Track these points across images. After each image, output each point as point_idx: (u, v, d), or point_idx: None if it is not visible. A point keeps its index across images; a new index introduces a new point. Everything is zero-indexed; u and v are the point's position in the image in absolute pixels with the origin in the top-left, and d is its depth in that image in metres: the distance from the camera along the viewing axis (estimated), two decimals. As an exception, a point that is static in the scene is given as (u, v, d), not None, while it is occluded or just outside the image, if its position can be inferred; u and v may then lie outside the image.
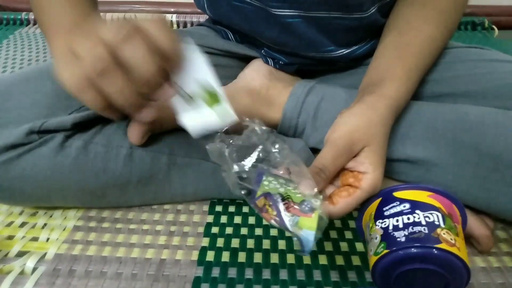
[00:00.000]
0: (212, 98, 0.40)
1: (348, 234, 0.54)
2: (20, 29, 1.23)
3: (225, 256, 0.50)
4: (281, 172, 0.42)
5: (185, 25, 1.27)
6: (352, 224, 0.56)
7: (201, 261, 0.49)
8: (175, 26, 1.26)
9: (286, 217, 0.38)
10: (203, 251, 0.51)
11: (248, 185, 0.40)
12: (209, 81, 0.40)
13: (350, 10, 0.53)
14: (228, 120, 0.40)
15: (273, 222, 0.38)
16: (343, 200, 0.41)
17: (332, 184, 0.44)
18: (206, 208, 0.59)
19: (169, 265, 0.48)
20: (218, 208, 0.58)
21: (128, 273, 0.47)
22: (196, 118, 0.40)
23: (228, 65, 0.63)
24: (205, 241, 0.52)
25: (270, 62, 0.62)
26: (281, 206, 0.39)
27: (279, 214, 0.38)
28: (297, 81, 0.60)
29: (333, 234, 0.54)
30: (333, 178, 0.43)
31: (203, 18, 1.12)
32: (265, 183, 0.41)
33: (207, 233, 0.54)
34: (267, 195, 0.40)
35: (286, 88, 0.58)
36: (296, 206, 0.39)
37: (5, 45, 1.12)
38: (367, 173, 0.41)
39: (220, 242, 0.52)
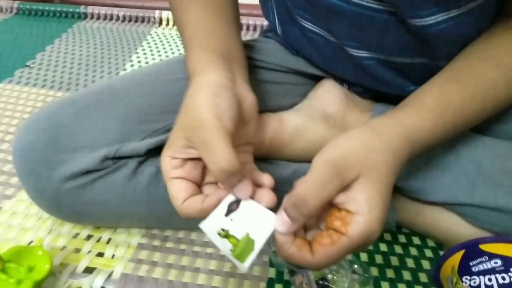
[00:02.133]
0: (243, 247, 0.34)
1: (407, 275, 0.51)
2: (78, 22, 1.24)
3: (294, 292, 0.48)
4: None
5: (254, 29, 1.24)
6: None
7: (269, 295, 0.47)
8: (244, 28, 1.24)
9: None
10: (270, 283, 0.49)
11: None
12: (258, 240, 0.34)
13: (437, 58, 0.46)
14: (239, 267, 0.34)
15: None
16: (323, 250, 0.31)
17: (317, 226, 0.35)
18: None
19: (236, 297, 0.47)
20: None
21: (197, 302, 0.46)
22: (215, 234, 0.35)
23: (298, 83, 0.60)
24: (272, 273, 0.50)
25: (345, 85, 0.57)
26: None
27: None
28: (374, 106, 0.56)
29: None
30: (318, 216, 0.35)
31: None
32: None
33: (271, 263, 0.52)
34: (304, 273, 0.40)
35: (364, 114, 0.55)
36: None
37: (64, 38, 1.14)
38: (359, 214, 0.31)
39: (287, 275, 0.50)
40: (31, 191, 0.47)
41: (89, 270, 0.49)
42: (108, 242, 0.53)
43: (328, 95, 0.56)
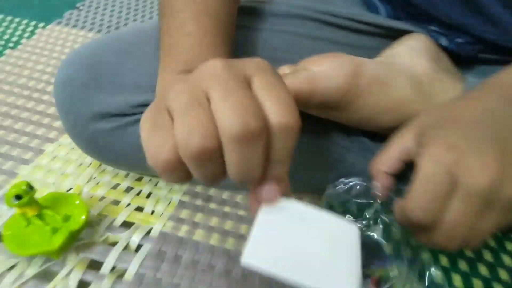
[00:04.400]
0: None
1: None
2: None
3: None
4: None
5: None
6: None
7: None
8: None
9: None
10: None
11: None
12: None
13: None
14: None
15: None
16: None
17: None
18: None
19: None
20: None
21: (238, 273, 0.41)
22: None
23: (369, 46, 0.51)
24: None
25: (441, 40, 0.47)
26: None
27: None
28: (464, 77, 0.46)
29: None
30: None
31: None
32: None
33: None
34: None
35: (454, 84, 0.44)
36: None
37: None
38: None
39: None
40: (70, 129, 0.44)
41: (127, 225, 0.46)
42: (148, 196, 0.50)
43: (414, 54, 0.46)
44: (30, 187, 0.40)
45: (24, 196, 0.39)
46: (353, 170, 0.46)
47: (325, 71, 0.38)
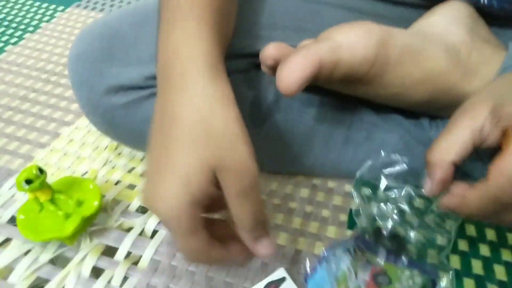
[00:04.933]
0: None
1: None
2: None
3: (377, 263, 0.39)
4: None
5: None
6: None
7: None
8: None
9: None
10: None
11: None
12: None
13: None
14: None
15: None
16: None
17: None
18: (349, 188, 0.47)
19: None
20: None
21: (258, 262, 0.39)
22: None
23: (398, 17, 0.46)
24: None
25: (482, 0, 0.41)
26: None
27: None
28: (506, 45, 0.41)
29: None
30: None
31: None
32: None
33: (351, 223, 0.43)
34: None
35: (494, 54, 0.39)
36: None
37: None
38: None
39: (369, 240, 0.41)
40: (85, 105, 0.42)
41: (142, 210, 0.44)
42: (164, 180, 0.48)
43: (449, 22, 0.41)
44: (41, 171, 0.38)
45: (34, 181, 0.38)
46: (383, 148, 0.43)
47: (350, 40, 0.34)
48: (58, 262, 0.39)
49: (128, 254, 0.40)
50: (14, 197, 0.45)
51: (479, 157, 0.32)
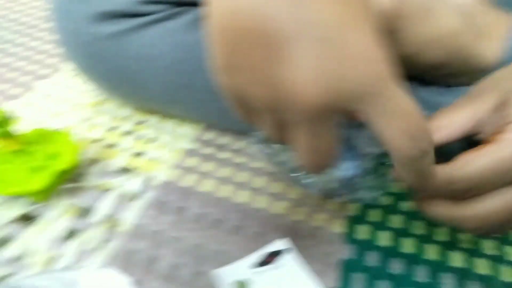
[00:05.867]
0: None
1: None
2: None
3: (383, 238, 0.36)
4: None
5: None
6: None
7: (350, 237, 0.35)
8: None
9: None
10: (353, 222, 0.37)
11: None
12: None
13: None
14: None
15: None
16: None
17: None
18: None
19: (308, 236, 0.36)
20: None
21: (251, 230, 0.35)
22: None
23: None
24: (354, 209, 0.38)
25: None
26: None
27: None
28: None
29: None
30: None
31: None
32: None
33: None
34: None
35: (503, 18, 0.38)
36: None
37: None
38: None
39: (375, 215, 0.38)
40: (66, 39, 0.37)
41: (124, 171, 0.40)
42: (151, 141, 0.43)
43: None
44: (6, 118, 0.33)
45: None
46: None
47: None
48: (28, 221, 0.34)
49: (107, 217, 0.35)
50: (-23, 150, 0.40)
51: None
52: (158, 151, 0.42)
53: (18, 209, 0.34)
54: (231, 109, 0.24)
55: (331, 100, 0.19)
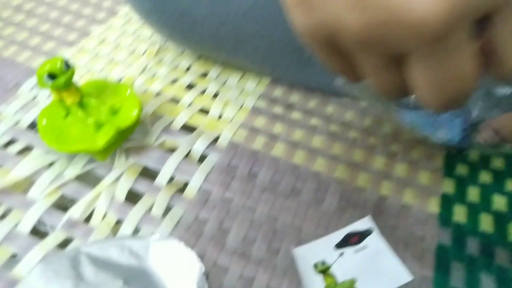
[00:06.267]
0: None
1: None
2: None
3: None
4: None
5: None
6: None
7: (444, 218, 0.30)
8: None
9: None
10: (449, 202, 0.32)
11: None
12: None
13: None
14: None
15: None
16: None
17: None
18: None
19: (396, 215, 0.31)
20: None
21: (332, 203, 0.31)
22: None
23: None
24: (448, 184, 0.33)
25: None
26: None
27: None
28: None
29: None
30: None
31: None
32: None
33: (447, 169, 0.34)
34: None
35: None
36: None
37: None
38: None
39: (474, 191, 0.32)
40: None
41: (188, 129, 0.36)
42: (215, 96, 0.39)
43: None
44: (67, 66, 0.30)
45: (59, 76, 0.29)
46: None
47: None
48: (87, 180, 0.32)
49: (171, 179, 0.32)
50: (36, 99, 0.37)
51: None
52: (223, 108, 0.38)
53: (78, 168, 0.32)
54: (314, 58, 0.19)
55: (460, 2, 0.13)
